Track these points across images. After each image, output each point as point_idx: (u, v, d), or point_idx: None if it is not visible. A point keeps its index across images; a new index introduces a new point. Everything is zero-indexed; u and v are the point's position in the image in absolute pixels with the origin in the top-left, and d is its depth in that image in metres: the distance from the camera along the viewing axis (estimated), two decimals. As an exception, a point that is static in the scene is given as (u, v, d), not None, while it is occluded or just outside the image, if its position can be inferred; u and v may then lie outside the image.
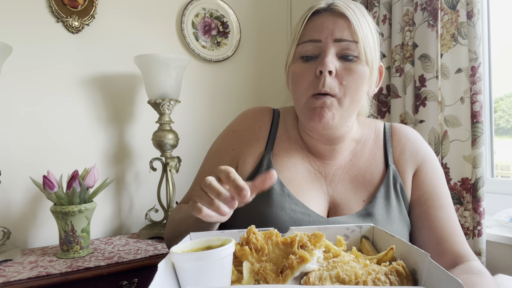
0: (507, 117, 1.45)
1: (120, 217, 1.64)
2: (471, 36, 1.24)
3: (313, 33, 0.73)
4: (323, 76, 0.71)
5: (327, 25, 0.72)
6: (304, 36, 0.74)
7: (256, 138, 0.83)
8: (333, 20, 0.72)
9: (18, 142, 1.43)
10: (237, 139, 0.84)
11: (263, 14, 2.01)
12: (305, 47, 0.73)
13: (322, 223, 0.74)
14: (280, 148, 0.82)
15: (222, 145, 0.86)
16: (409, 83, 1.41)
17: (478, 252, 1.21)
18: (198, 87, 1.84)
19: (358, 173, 0.80)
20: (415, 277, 0.51)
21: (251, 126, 0.84)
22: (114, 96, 1.63)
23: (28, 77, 1.46)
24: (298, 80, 0.74)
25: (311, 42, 0.73)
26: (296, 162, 0.80)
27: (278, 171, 0.78)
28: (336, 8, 0.73)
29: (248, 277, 0.51)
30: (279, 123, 0.85)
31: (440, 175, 0.83)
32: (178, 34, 1.79)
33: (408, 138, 0.84)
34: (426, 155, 0.83)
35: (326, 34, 0.72)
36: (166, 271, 0.49)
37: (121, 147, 1.64)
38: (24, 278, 1.08)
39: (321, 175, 0.81)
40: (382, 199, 0.77)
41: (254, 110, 0.88)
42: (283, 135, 0.84)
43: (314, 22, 0.73)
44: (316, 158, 0.82)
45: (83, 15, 1.54)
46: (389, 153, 0.82)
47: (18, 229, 1.42)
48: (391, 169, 0.80)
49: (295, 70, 0.75)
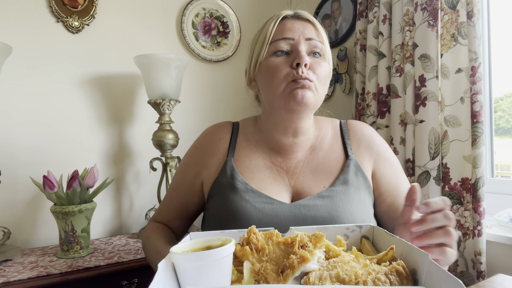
0: (507, 117, 1.45)
1: (120, 217, 1.64)
2: (471, 36, 1.24)
3: (286, 32, 0.82)
4: (300, 67, 0.78)
5: (298, 27, 0.82)
6: (277, 35, 0.82)
7: (217, 150, 0.91)
8: (301, 23, 0.83)
9: (18, 142, 1.43)
10: (199, 154, 0.93)
11: (263, 14, 2.01)
12: (279, 44, 0.81)
13: (285, 208, 0.80)
14: (241, 154, 0.89)
15: (187, 162, 0.95)
16: (409, 83, 1.41)
17: (478, 252, 1.21)
18: (198, 87, 1.84)
19: (318, 165, 0.87)
20: (415, 277, 0.51)
21: (212, 140, 0.93)
22: (114, 96, 1.63)
23: (28, 77, 1.46)
24: (274, 72, 0.80)
25: (284, 39, 0.81)
26: (258, 163, 0.88)
27: (241, 173, 0.86)
28: (303, 15, 0.85)
29: (249, 277, 0.51)
30: (238, 132, 0.94)
31: (397, 166, 0.91)
32: (178, 34, 1.79)
33: (362, 133, 0.92)
34: (380, 149, 0.91)
35: (298, 33, 0.82)
36: (166, 271, 0.49)
37: (121, 147, 1.64)
38: (24, 278, 1.08)
39: (283, 169, 0.87)
40: (342, 184, 0.84)
41: (214, 125, 0.98)
42: (243, 142, 0.92)
43: (284, 25, 0.83)
44: (278, 155, 0.89)
45: (83, 15, 1.54)
46: (348, 145, 0.90)
47: (18, 229, 1.42)
48: (352, 159, 0.87)
49: (270, 64, 0.81)
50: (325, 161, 0.87)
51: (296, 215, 0.78)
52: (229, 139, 0.92)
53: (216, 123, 0.99)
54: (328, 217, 0.77)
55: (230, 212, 0.81)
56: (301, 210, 0.79)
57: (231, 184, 0.84)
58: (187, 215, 0.96)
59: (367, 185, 0.86)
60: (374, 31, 1.57)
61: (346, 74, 1.82)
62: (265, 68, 0.82)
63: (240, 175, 0.85)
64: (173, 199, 0.96)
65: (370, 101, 1.59)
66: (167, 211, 0.96)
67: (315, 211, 0.79)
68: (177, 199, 0.95)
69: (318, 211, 0.79)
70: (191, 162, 0.94)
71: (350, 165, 0.86)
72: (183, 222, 0.97)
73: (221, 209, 0.83)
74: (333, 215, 0.78)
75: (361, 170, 0.87)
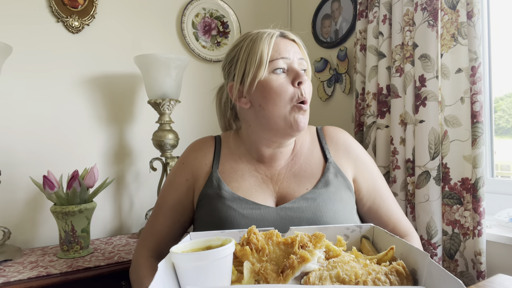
0: (507, 117, 1.45)
1: (120, 217, 1.64)
2: (471, 36, 1.24)
3: (283, 52, 0.86)
4: (302, 86, 0.85)
5: (290, 47, 0.88)
6: (275, 55, 0.86)
7: (204, 164, 0.95)
8: (290, 43, 0.89)
9: (18, 142, 1.43)
10: (188, 170, 0.96)
11: (263, 14, 2.01)
12: (278, 63, 0.85)
13: (272, 212, 0.84)
14: (226, 166, 0.94)
15: (176, 179, 0.97)
16: (409, 83, 1.41)
17: (478, 252, 1.21)
18: (198, 87, 1.84)
19: (300, 169, 0.93)
20: (415, 277, 0.51)
21: (197, 155, 0.97)
22: (114, 96, 1.63)
23: (28, 77, 1.46)
24: (279, 90, 0.84)
25: (282, 59, 0.86)
26: (243, 173, 0.92)
27: (227, 183, 0.90)
28: (289, 36, 0.91)
29: (249, 277, 0.51)
30: (222, 146, 0.98)
31: (373, 168, 0.98)
32: (178, 34, 1.79)
33: (339, 138, 0.98)
34: (357, 154, 0.97)
35: (292, 53, 0.87)
36: (166, 271, 0.50)
37: (121, 147, 1.64)
38: (24, 278, 1.08)
39: (267, 177, 0.92)
40: (323, 186, 0.89)
41: (197, 141, 1.02)
42: (227, 154, 0.96)
43: (278, 44, 0.87)
44: (262, 164, 0.94)
45: (83, 15, 1.54)
46: (326, 149, 0.96)
47: (18, 229, 1.42)
48: (331, 162, 0.93)
49: (272, 83, 0.85)
50: (307, 165, 0.93)
51: (282, 217, 0.82)
52: (213, 152, 0.96)
53: (199, 139, 1.03)
54: (313, 217, 0.82)
55: (218, 221, 0.84)
56: (287, 213, 0.83)
57: (218, 194, 0.88)
58: (181, 232, 0.98)
59: (347, 185, 0.92)
60: (374, 31, 1.57)
61: (346, 74, 1.82)
62: (267, 86, 0.85)
63: (226, 185, 0.89)
64: (166, 219, 0.96)
65: (370, 101, 1.59)
66: (160, 234, 0.95)
67: (300, 212, 0.83)
68: (170, 218, 0.95)
69: (303, 212, 0.83)
70: (180, 179, 0.96)
71: (330, 167, 0.92)
72: (176, 242, 0.95)
73: (209, 219, 0.87)
74: (317, 215, 0.82)
75: (340, 171, 0.92)
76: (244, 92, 0.89)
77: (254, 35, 0.89)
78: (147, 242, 0.96)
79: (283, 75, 0.86)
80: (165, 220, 0.95)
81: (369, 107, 1.59)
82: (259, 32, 0.90)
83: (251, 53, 0.86)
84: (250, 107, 0.90)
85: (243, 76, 0.88)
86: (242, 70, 0.88)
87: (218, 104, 1.06)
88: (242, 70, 0.88)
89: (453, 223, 1.31)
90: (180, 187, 0.95)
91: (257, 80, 0.85)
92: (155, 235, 0.96)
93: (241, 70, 0.88)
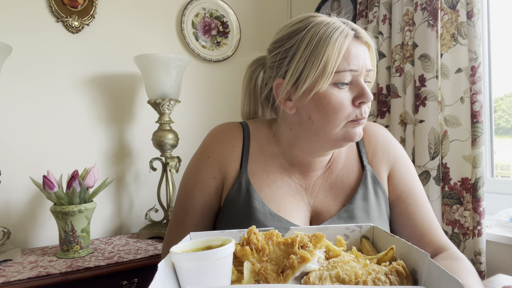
0: (507, 117, 1.45)
1: (120, 217, 1.64)
2: (471, 36, 1.24)
3: (352, 63, 0.71)
4: (363, 105, 0.73)
5: (362, 54, 0.73)
6: (343, 66, 0.71)
7: (232, 160, 0.81)
8: (362, 49, 0.73)
9: (18, 142, 1.43)
10: (214, 166, 0.81)
11: (263, 14, 2.01)
12: (344, 76, 0.71)
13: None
14: (256, 166, 0.81)
15: (202, 176, 0.82)
16: (409, 83, 1.41)
17: (478, 252, 1.21)
18: (198, 87, 1.84)
19: (337, 179, 0.82)
20: (415, 277, 0.51)
21: (224, 149, 0.82)
22: (114, 96, 1.63)
23: (28, 77, 1.45)
24: (337, 108, 0.71)
25: (350, 71, 0.71)
26: (275, 179, 0.80)
27: (258, 189, 0.78)
28: (363, 37, 0.74)
29: (249, 277, 0.51)
30: (250, 139, 0.83)
31: (413, 172, 0.86)
32: (178, 34, 1.78)
33: (378, 138, 0.86)
34: (397, 154, 0.85)
35: (362, 63, 0.72)
36: (166, 271, 0.49)
37: (121, 147, 1.64)
38: (24, 278, 1.08)
39: (302, 187, 0.81)
40: (361, 200, 0.79)
41: (222, 129, 0.85)
42: (257, 151, 0.82)
43: (349, 51, 0.71)
44: (296, 170, 0.82)
45: (83, 15, 1.54)
46: (363, 154, 0.84)
47: (18, 229, 1.42)
48: (368, 170, 0.82)
49: (332, 99, 0.71)
50: (343, 175, 0.82)
51: None
52: (242, 146, 0.82)
53: (223, 127, 0.86)
54: None
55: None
56: None
57: (248, 203, 0.76)
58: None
59: (385, 198, 0.82)
60: (374, 31, 1.57)
61: (346, 74, 1.82)
62: (325, 101, 0.71)
63: (257, 193, 0.77)
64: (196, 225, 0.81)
65: (370, 101, 1.59)
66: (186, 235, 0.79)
67: None
68: (201, 224, 0.82)
69: None
70: (207, 176, 0.81)
71: (367, 177, 0.81)
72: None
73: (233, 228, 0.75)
74: None
75: (378, 181, 0.82)
76: (294, 97, 0.74)
77: (322, 27, 0.71)
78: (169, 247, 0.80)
79: (346, 88, 0.72)
80: (194, 226, 0.81)
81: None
82: (328, 24, 0.72)
83: (315, 54, 0.70)
84: (296, 113, 0.76)
85: (298, 78, 0.72)
86: (298, 71, 0.72)
87: (247, 85, 0.88)
88: (298, 71, 0.72)
89: (453, 223, 1.31)
90: (208, 186, 0.81)
91: (315, 91, 0.71)
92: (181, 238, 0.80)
93: (297, 70, 0.72)
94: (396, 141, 0.89)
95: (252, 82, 0.88)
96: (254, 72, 0.88)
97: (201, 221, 0.82)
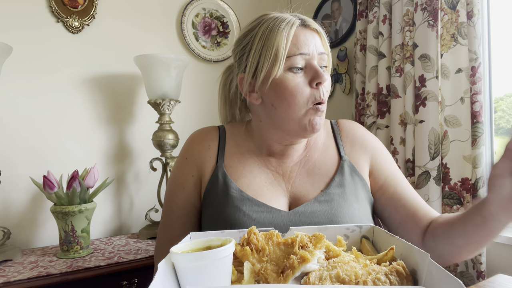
0: (507, 117, 1.45)
1: (120, 217, 1.64)
2: (471, 36, 1.24)
3: (302, 47, 0.77)
4: (320, 87, 0.77)
5: (310, 40, 0.78)
6: (293, 50, 0.77)
7: (208, 157, 0.86)
8: (311, 35, 0.79)
9: (18, 142, 1.43)
10: (192, 165, 0.87)
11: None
12: (295, 60, 0.76)
13: (284, 216, 0.78)
14: (232, 160, 0.86)
15: (181, 176, 0.88)
16: (409, 83, 1.41)
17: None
18: (198, 87, 1.84)
19: (314, 166, 0.86)
20: (415, 277, 0.51)
21: (201, 148, 0.88)
22: (114, 96, 1.63)
23: (28, 77, 1.46)
24: (295, 92, 0.77)
25: (301, 55, 0.77)
26: (252, 169, 0.85)
27: (234, 179, 0.82)
28: (311, 24, 0.80)
29: (249, 277, 0.51)
30: (226, 137, 0.89)
31: (392, 161, 0.91)
32: (178, 34, 1.79)
33: (355, 133, 0.91)
34: (375, 146, 0.90)
35: (312, 47, 0.78)
36: (166, 271, 0.49)
37: (121, 147, 1.64)
38: (24, 278, 1.08)
39: (279, 174, 0.85)
40: (338, 186, 0.83)
41: (199, 132, 0.92)
42: (233, 147, 0.88)
43: (297, 37, 0.78)
44: (273, 158, 0.86)
45: (83, 15, 1.54)
46: (340, 146, 0.89)
47: (18, 229, 1.42)
48: (345, 160, 0.86)
49: (288, 83, 0.77)
50: (321, 162, 0.86)
51: (295, 223, 0.77)
52: (217, 144, 0.88)
53: (200, 130, 0.93)
54: (328, 223, 0.77)
55: (225, 223, 0.77)
56: (300, 218, 0.78)
57: (225, 192, 0.81)
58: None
59: (363, 184, 0.85)
60: (374, 31, 1.57)
61: (346, 74, 1.82)
62: (282, 86, 0.77)
63: (234, 182, 0.81)
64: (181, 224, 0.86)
65: (370, 101, 1.59)
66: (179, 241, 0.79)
67: (314, 217, 0.78)
68: (186, 222, 0.86)
69: (317, 217, 0.78)
70: (186, 176, 0.87)
71: (344, 165, 0.85)
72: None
73: (216, 220, 0.80)
74: (333, 220, 0.77)
75: (356, 170, 0.86)
76: (256, 88, 0.80)
77: (271, 21, 0.78)
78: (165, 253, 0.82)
79: (301, 73, 0.77)
80: (180, 225, 0.86)
81: (369, 107, 1.59)
82: (277, 18, 0.79)
83: (266, 45, 0.76)
84: (261, 103, 0.82)
85: (255, 70, 0.79)
86: (255, 63, 0.79)
87: (223, 90, 0.95)
88: (255, 63, 0.79)
89: (453, 223, 1.31)
90: (188, 185, 0.86)
91: (271, 78, 0.77)
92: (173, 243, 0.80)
93: (254, 62, 0.79)
94: (373, 135, 0.94)
95: (227, 87, 0.95)
96: (228, 78, 0.95)
97: (186, 219, 0.86)
